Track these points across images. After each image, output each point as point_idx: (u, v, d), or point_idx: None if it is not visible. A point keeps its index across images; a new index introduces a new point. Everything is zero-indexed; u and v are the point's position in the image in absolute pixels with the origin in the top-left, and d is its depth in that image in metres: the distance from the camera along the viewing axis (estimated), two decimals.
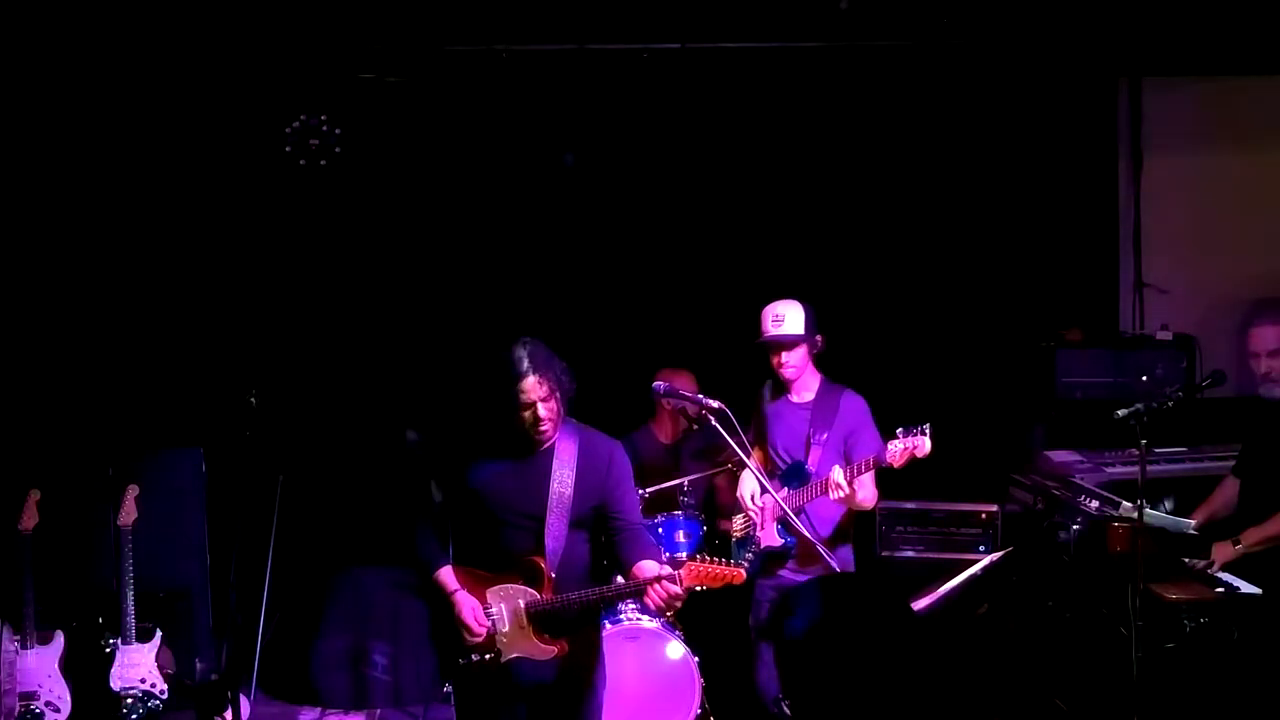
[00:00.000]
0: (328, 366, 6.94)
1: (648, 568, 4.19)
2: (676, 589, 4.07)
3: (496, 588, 4.25)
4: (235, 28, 6.43)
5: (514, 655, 4.24)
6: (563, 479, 4.22)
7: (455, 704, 4.37)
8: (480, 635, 4.20)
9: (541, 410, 4.15)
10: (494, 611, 4.24)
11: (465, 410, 4.54)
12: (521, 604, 4.23)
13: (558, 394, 4.19)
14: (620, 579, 4.55)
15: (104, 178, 6.83)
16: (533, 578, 4.23)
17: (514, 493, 4.22)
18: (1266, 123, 7.06)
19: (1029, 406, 6.90)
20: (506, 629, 4.23)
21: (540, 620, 4.22)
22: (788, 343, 5.04)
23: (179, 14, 6.30)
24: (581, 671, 4.34)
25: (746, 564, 5.23)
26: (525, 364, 4.13)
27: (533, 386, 4.12)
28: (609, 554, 4.88)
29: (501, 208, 7.14)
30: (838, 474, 4.80)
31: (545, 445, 4.25)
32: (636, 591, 4.20)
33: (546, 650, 4.23)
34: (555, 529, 4.21)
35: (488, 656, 4.24)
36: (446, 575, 4.27)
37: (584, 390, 7.10)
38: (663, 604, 4.10)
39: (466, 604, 4.22)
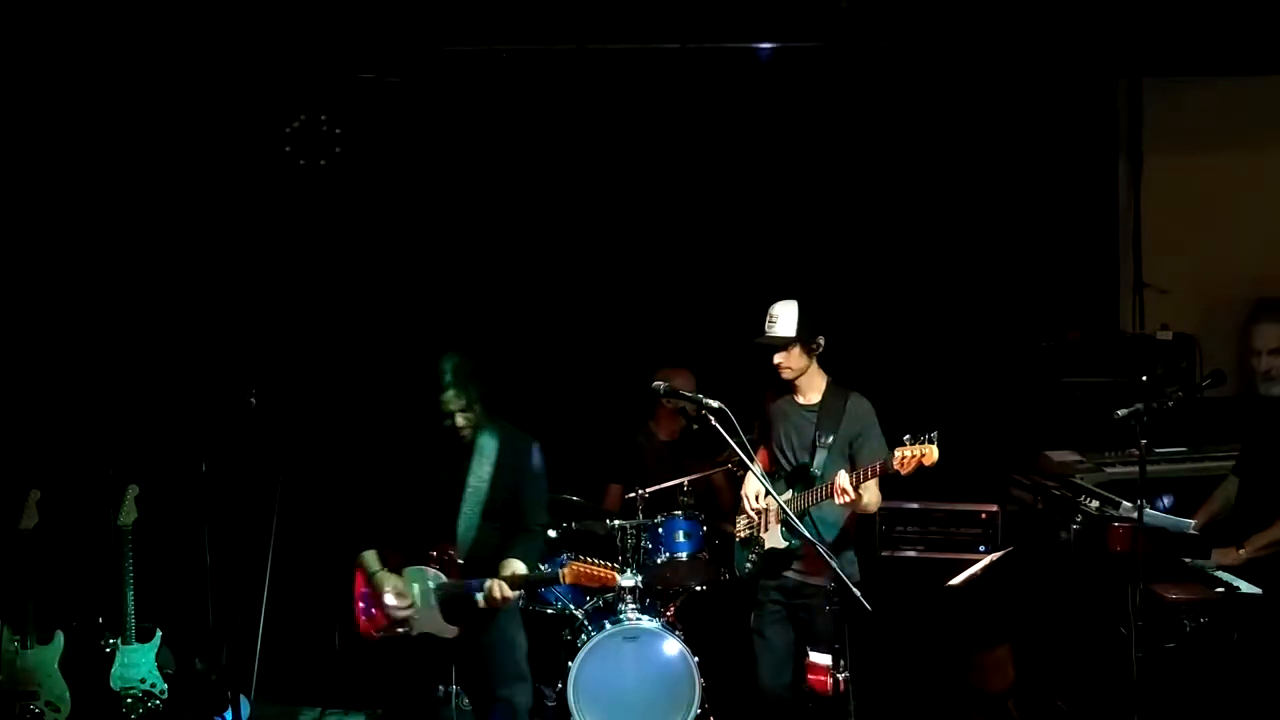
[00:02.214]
0: (328, 366, 6.94)
1: (510, 564, 4.68)
2: (508, 593, 4.60)
3: (412, 569, 4.72)
4: (236, 28, 6.43)
5: (422, 632, 4.72)
6: (480, 473, 4.71)
7: (377, 679, 4.91)
8: (400, 613, 4.67)
9: (459, 419, 4.67)
10: (410, 590, 4.70)
11: (397, 406, 5.11)
12: (431, 585, 4.70)
13: (476, 405, 4.69)
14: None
15: (104, 178, 6.82)
16: (444, 562, 4.70)
17: (434, 483, 4.70)
18: (1266, 123, 7.05)
19: (1029, 407, 6.89)
20: (419, 607, 4.69)
21: (445, 601, 4.66)
22: (777, 344, 5.04)
23: (179, 14, 6.30)
24: (489, 646, 4.80)
25: (750, 565, 5.24)
26: (446, 378, 4.66)
27: (451, 399, 4.65)
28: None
29: (501, 207, 7.14)
30: (843, 479, 4.79)
31: (466, 442, 4.74)
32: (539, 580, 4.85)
33: (449, 630, 4.70)
34: (468, 518, 4.69)
35: (399, 631, 4.71)
36: (370, 556, 4.76)
37: (584, 388, 7.16)
38: (495, 600, 4.59)
39: (388, 583, 4.70)
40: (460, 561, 4.67)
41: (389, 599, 4.66)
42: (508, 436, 4.80)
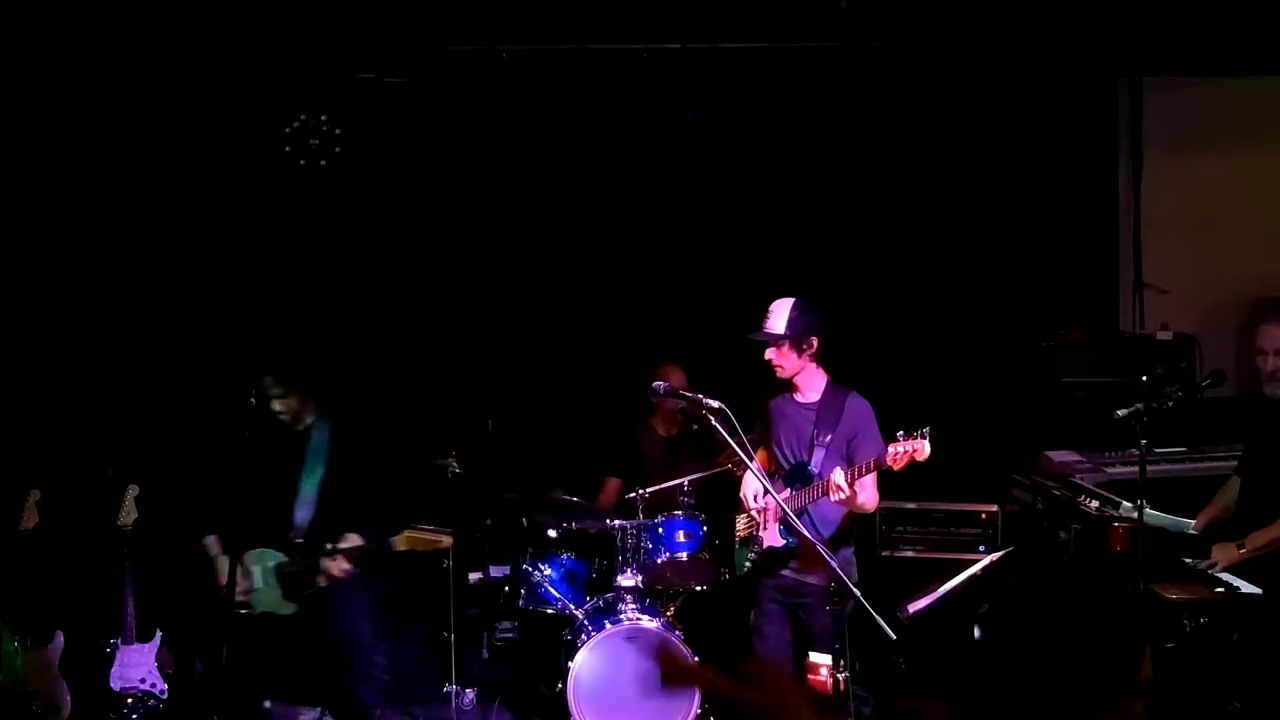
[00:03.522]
0: (327, 366, 6.93)
1: (347, 538, 4.93)
2: (343, 565, 4.87)
3: (253, 552, 4.97)
4: (236, 28, 6.43)
5: (262, 610, 5.00)
6: (316, 463, 4.98)
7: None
8: (239, 596, 4.91)
9: (277, 405, 5.01)
10: (251, 572, 4.95)
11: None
12: (271, 565, 4.98)
13: (296, 396, 5.02)
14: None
15: (104, 178, 6.83)
16: (284, 544, 4.95)
17: (273, 469, 4.96)
18: (1266, 123, 7.06)
19: (1029, 406, 6.89)
20: (259, 587, 4.96)
21: (284, 580, 4.92)
22: (768, 340, 5.05)
23: (180, 14, 6.30)
24: (329, 623, 5.02)
25: (750, 564, 5.24)
26: (274, 366, 5.00)
27: (270, 383, 5.01)
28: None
29: (501, 207, 7.14)
30: (839, 476, 4.79)
31: (300, 429, 5.05)
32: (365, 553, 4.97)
33: (287, 607, 4.96)
34: (306, 502, 4.96)
35: (242, 611, 4.97)
36: (211, 541, 5.04)
37: (586, 385, 7.14)
38: (331, 574, 4.86)
39: (225, 566, 4.93)
40: (299, 541, 4.92)
41: (224, 581, 4.90)
42: (340, 429, 5.11)
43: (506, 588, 6.36)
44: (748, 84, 6.95)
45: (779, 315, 5.04)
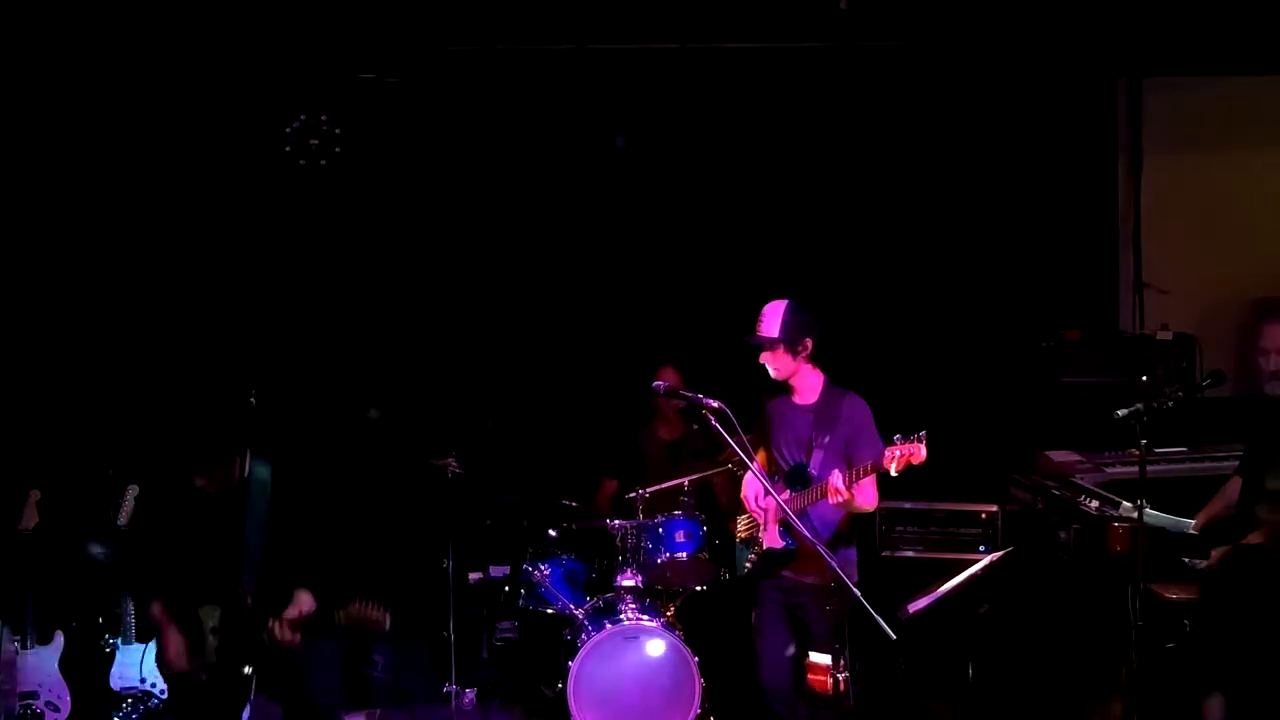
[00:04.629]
0: (328, 366, 6.94)
1: (298, 600, 4.56)
2: (288, 634, 4.50)
3: (206, 608, 4.54)
4: (236, 28, 6.43)
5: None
6: (257, 509, 4.51)
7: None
8: (182, 670, 4.54)
9: (197, 481, 4.58)
10: (206, 630, 4.53)
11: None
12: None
13: (231, 462, 4.54)
14: None
15: (104, 178, 6.82)
16: (235, 601, 4.49)
17: (213, 529, 4.50)
18: (1266, 123, 7.06)
19: (1029, 406, 6.90)
20: (213, 649, 4.54)
21: (235, 641, 4.49)
22: (762, 344, 5.05)
23: (180, 14, 6.30)
24: (302, 667, 4.67)
25: (750, 565, 5.24)
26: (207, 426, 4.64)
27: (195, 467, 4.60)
28: None
29: (501, 208, 7.14)
30: (837, 478, 4.80)
31: (236, 485, 4.54)
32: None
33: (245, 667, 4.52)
34: (252, 558, 4.50)
35: (203, 679, 4.54)
36: (156, 609, 4.61)
37: (587, 387, 7.14)
38: (279, 641, 4.51)
39: (174, 642, 4.55)
40: (249, 601, 4.52)
41: (171, 658, 4.58)
42: (282, 467, 4.69)
43: (506, 588, 6.36)
44: (747, 84, 6.96)
45: (772, 319, 5.04)
